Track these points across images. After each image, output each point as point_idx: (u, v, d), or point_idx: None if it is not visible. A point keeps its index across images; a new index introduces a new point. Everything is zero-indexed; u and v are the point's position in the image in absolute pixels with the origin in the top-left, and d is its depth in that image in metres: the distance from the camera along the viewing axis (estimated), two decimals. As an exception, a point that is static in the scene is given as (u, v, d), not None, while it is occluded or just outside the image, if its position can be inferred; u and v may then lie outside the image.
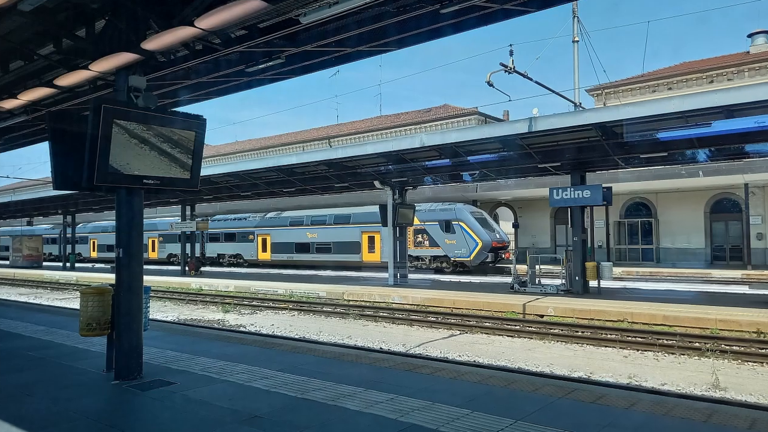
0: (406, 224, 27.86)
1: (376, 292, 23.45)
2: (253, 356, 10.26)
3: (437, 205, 37.76)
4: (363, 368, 9.34)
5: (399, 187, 27.25)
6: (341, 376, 8.57)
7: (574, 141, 19.65)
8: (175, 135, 8.43)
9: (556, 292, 21.28)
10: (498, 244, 35.91)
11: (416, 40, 8.83)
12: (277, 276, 34.95)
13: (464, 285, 26.38)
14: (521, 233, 45.50)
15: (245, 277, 33.63)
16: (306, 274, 37.34)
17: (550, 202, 21.79)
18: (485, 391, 7.80)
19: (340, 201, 43.41)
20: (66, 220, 48.01)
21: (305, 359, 10.06)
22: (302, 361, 9.91)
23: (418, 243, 37.58)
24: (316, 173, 27.14)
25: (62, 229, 50.15)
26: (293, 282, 29.35)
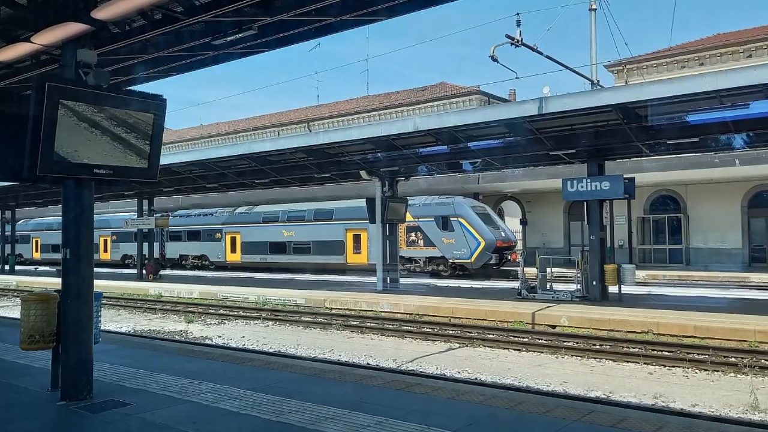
0: (397, 221, 27.93)
1: (363, 299, 23.45)
2: (221, 373, 10.28)
3: (433, 198, 37.83)
4: (347, 387, 9.37)
5: (389, 177, 27.33)
6: (322, 396, 8.60)
7: (591, 125, 19.72)
8: (131, 118, 8.41)
9: (571, 299, 21.37)
10: (503, 244, 36.00)
11: (408, 8, 8.75)
12: (249, 280, 34.96)
13: (464, 291, 26.39)
14: (530, 231, 45.59)
15: (212, 282, 33.76)
16: (282, 278, 37.38)
17: (563, 195, 21.95)
18: (488, 413, 7.82)
19: (321, 194, 43.48)
20: (5, 216, 47.82)
21: (281, 376, 10.08)
22: (277, 378, 9.93)
23: (412, 242, 37.74)
24: (294, 162, 27.20)
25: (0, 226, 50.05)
26: (267, 287, 29.29)
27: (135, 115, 8.45)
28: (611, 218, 22.07)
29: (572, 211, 43.33)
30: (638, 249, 41.25)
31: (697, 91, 16.23)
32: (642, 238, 41.67)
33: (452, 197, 37.45)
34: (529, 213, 46.21)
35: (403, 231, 36.70)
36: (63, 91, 7.78)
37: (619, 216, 32.25)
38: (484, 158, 23.83)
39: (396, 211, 27.65)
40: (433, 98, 52.38)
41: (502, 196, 47.53)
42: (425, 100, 52.73)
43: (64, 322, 8.43)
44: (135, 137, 8.49)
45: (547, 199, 44.09)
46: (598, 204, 21.33)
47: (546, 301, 21.12)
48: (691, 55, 41.74)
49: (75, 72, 8.34)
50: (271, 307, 24.50)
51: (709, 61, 40.87)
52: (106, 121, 8.17)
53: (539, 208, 45.53)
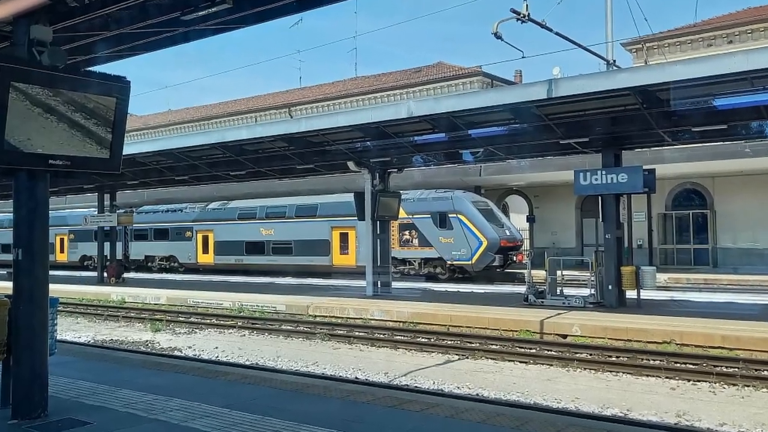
0: (389, 217, 28.12)
1: (351, 305, 23.64)
2: (191, 388, 10.31)
3: (430, 192, 37.99)
4: (333, 404, 9.41)
5: (380, 169, 27.42)
6: (305, 414, 8.60)
7: (607, 110, 19.81)
8: (91, 102, 8.39)
9: (584, 306, 21.46)
10: (508, 244, 36.15)
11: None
12: (223, 285, 35.14)
13: (464, 296, 26.50)
14: (538, 229, 45.72)
15: (181, 286, 33.86)
16: (260, 281, 37.56)
17: (575, 189, 22.14)
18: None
19: (304, 188, 43.46)
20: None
21: (258, 392, 10.13)
22: (255, 394, 9.98)
23: (405, 242, 37.96)
24: (273, 152, 27.30)
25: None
26: (243, 292, 29.50)
27: (95, 99, 8.43)
28: (629, 215, 22.15)
29: (585, 206, 43.27)
30: (659, 249, 41.30)
31: (725, 72, 16.20)
32: (663, 237, 41.78)
33: (451, 191, 37.59)
34: (536, 209, 46.28)
35: (396, 229, 36.75)
36: (14, 72, 7.74)
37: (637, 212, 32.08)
38: (487, 147, 23.89)
39: (388, 206, 27.73)
40: (430, 80, 52.40)
41: (506, 190, 47.56)
42: (420, 82, 52.76)
43: (16, 331, 8.40)
44: (95, 124, 8.46)
45: (557, 193, 44.09)
46: (615, 199, 21.40)
47: (556, 308, 21.12)
48: (719, 31, 41.83)
49: (28, 51, 8.31)
50: (248, 315, 24.52)
51: (739, 39, 40.97)
52: (62, 106, 8.14)
53: (548, 204, 45.62)
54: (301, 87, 66.07)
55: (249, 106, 63.16)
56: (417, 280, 36.71)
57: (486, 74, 50.59)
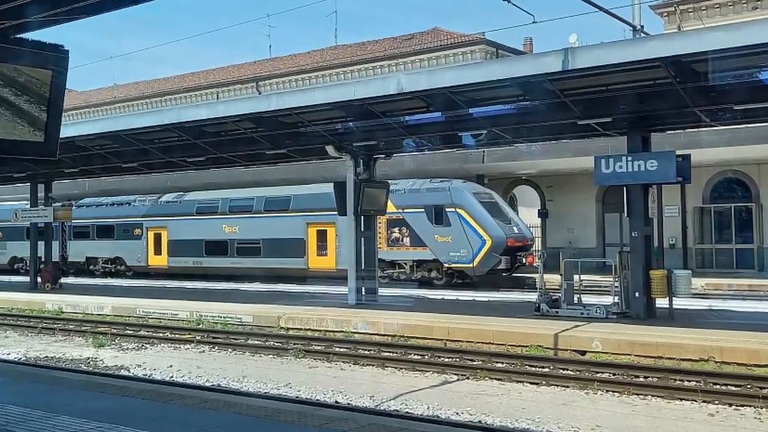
0: (375, 212, 28.26)
1: (330, 315, 23.67)
2: (141, 414, 10.32)
3: (423, 182, 38.22)
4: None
5: (364, 155, 27.52)
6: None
7: (633, 85, 19.80)
8: (22, 75, 8.37)
9: (605, 316, 21.45)
10: (516, 243, 36.37)
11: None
12: (178, 291, 35.19)
13: (464, 305, 26.60)
14: (552, 226, 45.99)
15: (129, 293, 33.84)
16: (222, 288, 37.68)
17: (596, 179, 22.11)
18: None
19: (274, 177, 43.74)
20: None
21: (220, 419, 10.17)
22: (216, 421, 10.02)
23: (395, 241, 38.25)
24: (238, 134, 27.40)
25: None
26: (203, 300, 29.63)
27: (27, 71, 8.41)
28: (659, 209, 22.10)
29: (608, 199, 43.45)
30: (695, 249, 41.41)
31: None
32: (700, 235, 41.93)
33: (448, 181, 37.71)
34: (550, 202, 46.51)
35: (384, 226, 37.04)
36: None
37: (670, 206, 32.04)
38: (491, 129, 23.93)
39: (374, 199, 27.81)
40: (424, 50, 52.50)
41: (514, 180, 47.77)
42: (413, 52, 52.86)
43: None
44: (27, 101, 8.44)
45: (575, 183, 44.23)
46: (642, 190, 21.35)
47: (573, 319, 21.15)
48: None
49: (-56, 13, 8.33)
50: (208, 327, 24.66)
51: (791, 0, 40.86)
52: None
53: (564, 196, 45.84)
54: (271, 58, 66.08)
55: (209, 81, 63.22)
56: (408, 286, 36.74)
57: (490, 42, 50.58)
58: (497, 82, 20.26)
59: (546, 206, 46.63)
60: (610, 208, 42.86)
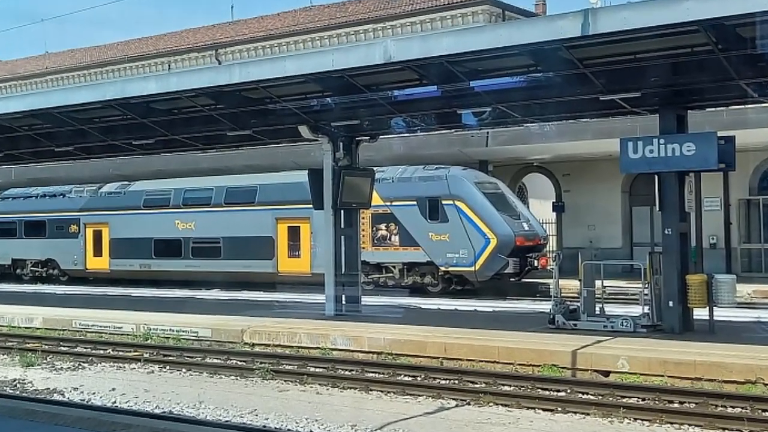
0: (357, 205, 28.50)
1: (304, 329, 23.78)
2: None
3: (416, 170, 38.42)
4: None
5: (345, 137, 27.62)
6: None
7: (667, 53, 19.79)
8: None
9: (633, 330, 21.41)
10: (526, 242, 36.48)
11: None
12: (123, 300, 35.25)
13: (465, 317, 26.74)
14: (569, 221, 46.24)
15: (64, 303, 33.82)
16: (175, 295, 37.98)
17: (621, 166, 22.12)
18: None
19: (237, 163, 43.98)
20: None
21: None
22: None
23: (381, 240, 38.58)
24: (194, 112, 27.40)
25: None
26: (152, 311, 29.67)
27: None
28: (698, 201, 22.11)
29: (636, 189, 43.73)
30: (740, 250, 41.46)
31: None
32: (746, 232, 41.96)
33: (446, 168, 37.82)
34: (566, 193, 46.72)
35: (368, 221, 37.33)
36: None
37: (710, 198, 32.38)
38: (496, 106, 23.97)
39: (356, 189, 27.89)
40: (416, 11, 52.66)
41: (524, 167, 47.96)
42: (403, 14, 53.03)
43: None
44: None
45: (596, 170, 44.46)
46: (677, 179, 21.31)
47: (594, 333, 21.13)
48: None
49: None
50: (158, 343, 24.71)
51: None
52: None
53: (583, 186, 45.99)
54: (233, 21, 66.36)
55: (160, 48, 63.34)
56: (397, 293, 36.63)
57: (495, 2, 50.81)
58: (504, 50, 20.09)
59: (562, 198, 47.13)
60: (639, 201, 43.04)
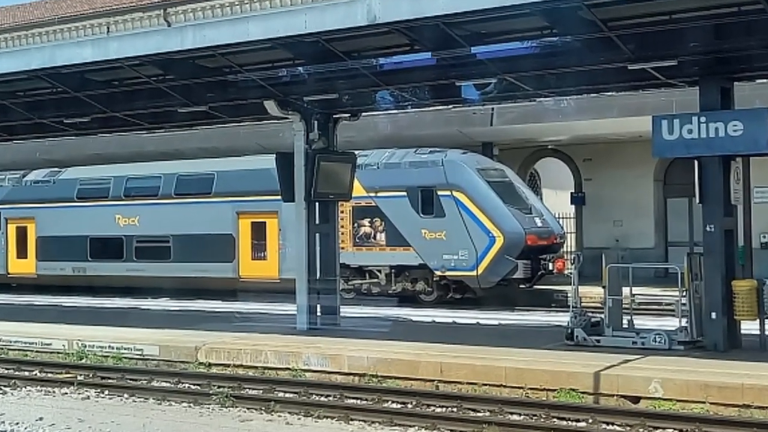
0: (336, 196, 28.44)
1: (272, 345, 23.89)
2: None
3: (406, 154, 38.94)
4: None
5: (320, 114, 27.60)
6: None
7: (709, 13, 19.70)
8: None
9: (668, 347, 21.25)
10: (539, 241, 36.78)
11: None
12: (52, 312, 35.39)
13: (465, 331, 26.51)
14: (591, 216, 46.45)
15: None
16: (116, 306, 38.40)
17: (654, 149, 22.07)
18: None
19: (191, 146, 44.64)
20: None
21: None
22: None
23: (364, 238, 38.81)
24: (139, 84, 27.49)
25: None
26: (87, 324, 29.52)
27: None
28: (746, 192, 22.09)
29: (671, 178, 44.35)
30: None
31: None
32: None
33: (442, 152, 37.93)
34: (588, 182, 47.24)
35: (349, 216, 37.82)
36: None
37: (761, 188, 33.47)
38: (503, 77, 23.91)
39: (334, 177, 27.74)
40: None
41: (536, 150, 48.44)
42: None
43: None
44: None
45: (624, 155, 44.65)
46: (722, 165, 21.28)
47: (622, 351, 20.89)
48: None
49: None
50: (95, 363, 24.72)
51: None
52: None
53: (608, 173, 46.23)
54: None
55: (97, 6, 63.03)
56: (384, 303, 36.53)
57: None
58: (513, 9, 19.96)
59: (582, 188, 47.52)
60: (675, 191, 43.94)
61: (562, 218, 41.76)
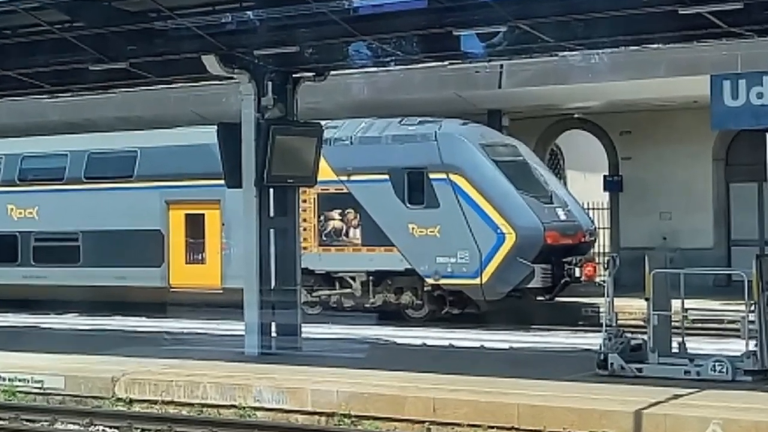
0: (296, 181, 28.42)
1: (212, 377, 23.72)
2: None
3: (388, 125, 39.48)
4: None
5: (276, 73, 27.70)
6: None
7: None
8: None
9: (731, 378, 20.88)
10: (563, 239, 37.44)
11: None
12: None
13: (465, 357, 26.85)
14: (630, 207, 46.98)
15: None
16: (8, 323, 39.14)
17: (713, 119, 21.94)
18: None
19: (106, 115, 44.70)
20: None
21: None
22: None
23: (333, 236, 39.42)
24: (38, 33, 27.38)
25: None
26: None
27: None
28: None
29: (735, 156, 45.17)
30: None
31: None
32: None
33: (435, 122, 38.36)
34: (626, 162, 47.92)
35: (313, 207, 38.30)
36: None
37: None
38: (515, 24, 23.91)
39: (294, 156, 27.85)
40: None
41: (559, 121, 49.70)
42: None
43: None
44: None
45: (673, 126, 45.47)
46: None
47: (671, 383, 20.48)
48: None
49: None
50: None
51: None
52: None
53: (652, 150, 46.85)
54: None
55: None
56: (359, 320, 36.47)
57: None
58: None
59: (619, 170, 48.14)
60: (740, 174, 45.21)
61: (592, 209, 42.20)
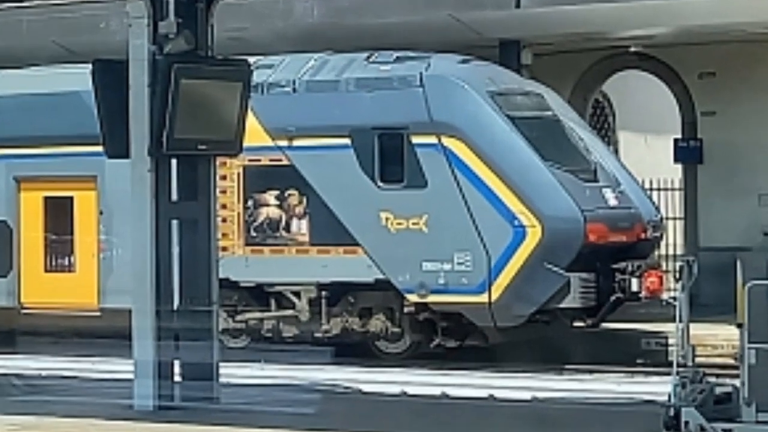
0: (212, 147, 26.92)
1: None
2: None
3: (349, 63, 38.45)
4: None
5: None
6: None
7: None
8: None
9: None
10: (614, 234, 36.09)
11: None
12: None
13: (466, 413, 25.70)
14: (713, 186, 47.08)
15: None
16: None
17: None
18: None
19: None
20: None
21: None
22: None
23: (267, 230, 38.45)
24: None
25: None
26: None
27: None
28: None
29: None
30: None
31: None
32: None
33: (421, 59, 37.39)
34: (708, 119, 47.34)
35: (237, 186, 37.51)
36: None
37: None
38: None
39: (208, 109, 26.53)
40: None
41: (607, 57, 49.20)
42: None
43: None
44: None
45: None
46: None
47: None
48: None
49: None
50: None
51: None
52: None
53: (746, 102, 46.26)
54: None
55: None
56: (307, 356, 34.81)
57: None
58: None
59: (698, 131, 47.44)
60: None
61: (657, 190, 39.31)
